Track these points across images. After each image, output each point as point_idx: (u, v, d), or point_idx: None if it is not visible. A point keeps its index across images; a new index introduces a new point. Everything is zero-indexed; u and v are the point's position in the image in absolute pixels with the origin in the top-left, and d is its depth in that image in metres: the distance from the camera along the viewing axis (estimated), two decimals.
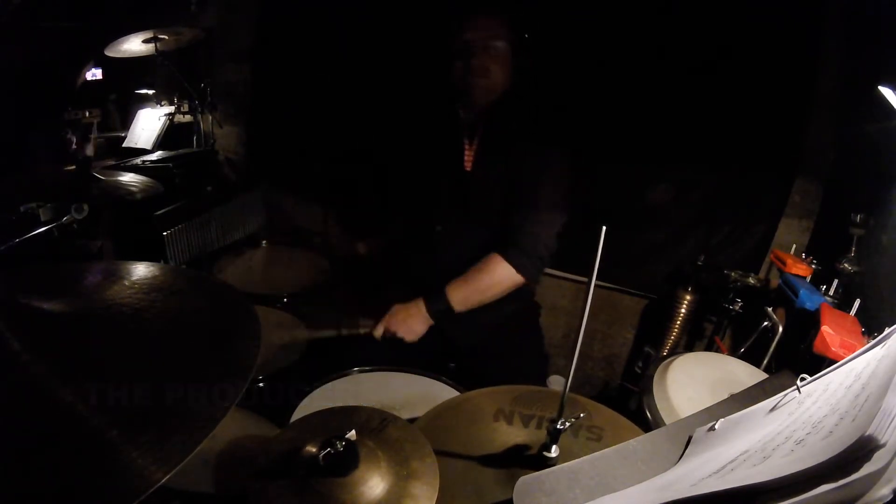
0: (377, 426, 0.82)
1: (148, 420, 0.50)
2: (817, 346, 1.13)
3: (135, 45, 2.20)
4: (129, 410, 0.51)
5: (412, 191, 1.57)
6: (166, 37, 2.21)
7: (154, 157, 2.37)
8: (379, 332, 1.44)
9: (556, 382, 1.95)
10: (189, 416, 0.51)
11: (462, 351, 1.55)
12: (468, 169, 1.50)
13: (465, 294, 1.44)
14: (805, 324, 1.31)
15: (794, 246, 1.75)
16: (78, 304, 0.64)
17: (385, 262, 1.71)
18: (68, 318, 0.61)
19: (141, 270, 0.74)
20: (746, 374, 1.20)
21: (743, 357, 1.40)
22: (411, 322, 1.43)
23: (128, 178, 1.89)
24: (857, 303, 1.30)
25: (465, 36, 1.42)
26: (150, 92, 2.65)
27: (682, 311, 1.98)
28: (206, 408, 0.52)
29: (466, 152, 1.50)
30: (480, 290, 1.45)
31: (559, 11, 1.90)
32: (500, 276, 1.45)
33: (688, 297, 1.97)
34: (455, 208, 1.51)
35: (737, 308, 1.85)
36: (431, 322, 1.45)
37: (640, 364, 2.10)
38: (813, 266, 1.58)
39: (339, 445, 0.71)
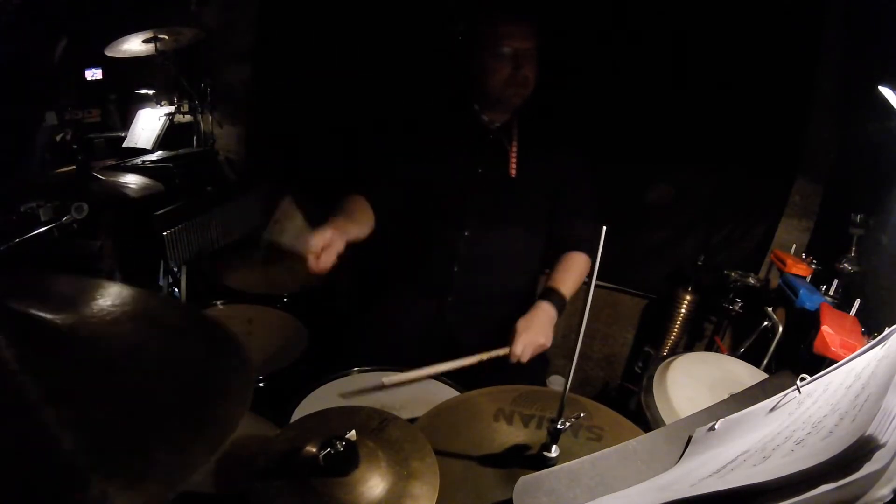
0: (377, 426, 0.82)
1: (127, 456, 0.49)
2: (817, 346, 1.13)
3: (135, 45, 2.20)
4: (108, 443, 0.50)
5: (439, 195, 1.53)
6: (166, 37, 2.21)
7: (154, 157, 2.37)
8: (526, 354, 1.34)
9: (556, 382, 1.95)
10: (167, 461, 0.49)
11: (463, 350, 1.55)
12: (513, 175, 1.48)
13: (573, 289, 1.48)
14: (805, 324, 1.31)
15: (794, 246, 1.75)
16: (76, 320, 0.63)
17: (393, 262, 1.69)
18: (65, 333, 0.60)
19: (144, 300, 0.73)
20: (746, 374, 1.20)
21: (743, 357, 1.40)
22: (546, 328, 1.39)
23: (128, 177, 1.90)
24: (857, 303, 1.30)
25: (513, 43, 1.38)
26: (150, 92, 2.64)
27: (682, 311, 1.98)
28: (181, 458, 0.50)
29: (511, 159, 1.49)
30: (578, 283, 1.50)
31: (560, 14, 1.89)
32: (586, 269, 1.51)
33: (688, 297, 1.97)
34: (489, 213, 1.49)
35: (737, 308, 1.85)
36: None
37: (640, 364, 2.10)
38: (813, 266, 1.58)
39: (339, 445, 0.71)
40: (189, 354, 0.67)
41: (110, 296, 0.69)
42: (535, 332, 1.35)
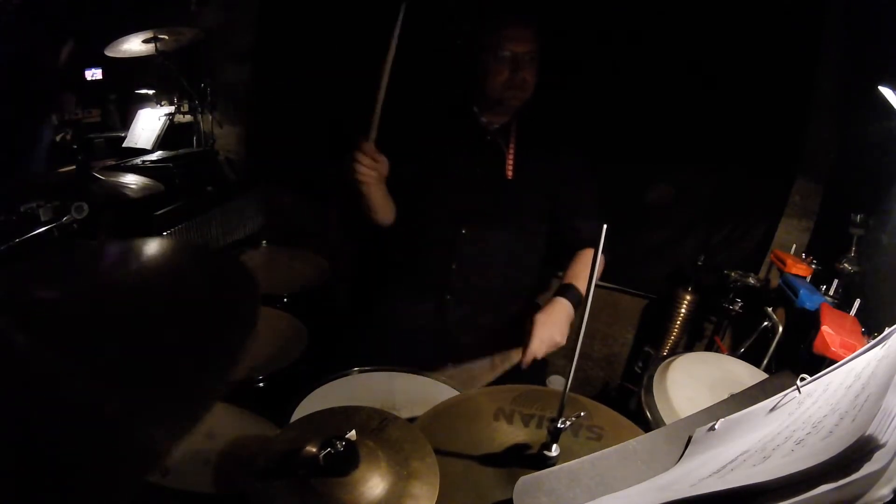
0: (377, 426, 0.82)
1: (152, 392, 0.51)
2: (817, 346, 1.13)
3: (135, 45, 2.20)
4: (131, 385, 0.52)
5: (437, 195, 1.54)
6: (166, 37, 2.21)
7: (154, 157, 2.37)
8: (542, 350, 1.33)
9: (556, 382, 1.95)
10: (192, 389, 0.52)
11: (463, 350, 1.55)
12: (510, 177, 1.49)
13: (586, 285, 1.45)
14: (805, 324, 1.31)
15: (794, 246, 1.75)
16: (75, 286, 0.64)
17: (392, 261, 1.70)
18: (66, 302, 0.61)
19: (135, 246, 0.74)
20: (746, 374, 1.20)
21: (743, 357, 1.40)
22: (564, 324, 1.37)
23: (128, 177, 1.90)
24: (857, 303, 1.30)
25: (512, 47, 1.39)
26: (150, 92, 2.64)
27: (682, 311, 1.98)
28: (206, 381, 0.53)
29: (508, 160, 1.50)
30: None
31: (559, 15, 1.89)
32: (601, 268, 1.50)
33: (688, 297, 1.97)
34: (486, 212, 1.50)
35: (737, 308, 1.85)
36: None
37: (640, 364, 2.10)
38: (813, 266, 1.58)
39: (339, 445, 0.71)
40: (195, 287, 0.69)
41: (107, 254, 0.71)
42: (551, 327, 1.34)
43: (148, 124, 2.55)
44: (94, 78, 2.57)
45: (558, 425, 0.78)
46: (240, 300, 0.64)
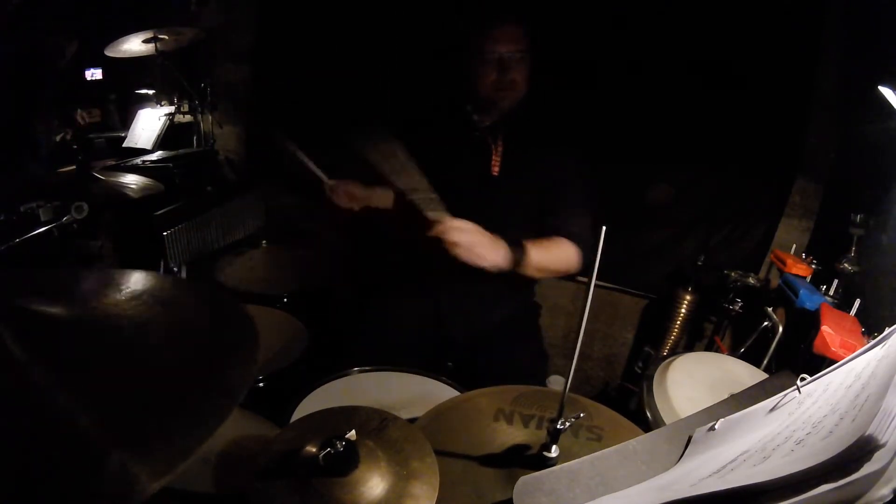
0: (377, 426, 0.82)
1: (141, 428, 0.51)
2: (817, 346, 1.13)
3: (135, 45, 2.20)
4: (122, 418, 0.51)
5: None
6: (166, 37, 2.21)
7: (154, 157, 2.37)
8: (446, 227, 1.25)
9: (556, 382, 1.95)
10: (182, 428, 0.51)
11: (462, 350, 1.55)
12: (495, 174, 1.50)
13: (542, 258, 1.38)
14: (805, 324, 1.31)
15: (794, 246, 1.75)
16: (78, 310, 0.64)
17: (390, 259, 1.70)
18: (67, 324, 0.61)
19: (142, 280, 0.74)
20: (746, 374, 1.20)
21: (743, 357, 1.40)
22: (487, 249, 1.29)
23: (128, 177, 1.90)
24: (857, 303, 1.30)
25: (498, 48, 1.39)
26: (150, 92, 2.64)
27: (682, 311, 1.98)
28: (198, 421, 0.51)
29: (493, 158, 1.50)
30: (553, 262, 1.42)
31: (559, 13, 1.90)
32: (570, 257, 1.43)
33: (688, 297, 1.97)
34: (475, 210, 1.51)
35: (737, 308, 1.85)
36: (504, 266, 1.31)
37: (640, 364, 2.10)
38: (813, 266, 1.58)
39: (339, 445, 0.71)
40: (194, 325, 0.68)
41: (112, 282, 0.70)
42: (474, 242, 1.27)
43: (148, 124, 2.55)
44: (94, 78, 2.58)
45: (558, 426, 0.78)
46: (239, 344, 0.64)
